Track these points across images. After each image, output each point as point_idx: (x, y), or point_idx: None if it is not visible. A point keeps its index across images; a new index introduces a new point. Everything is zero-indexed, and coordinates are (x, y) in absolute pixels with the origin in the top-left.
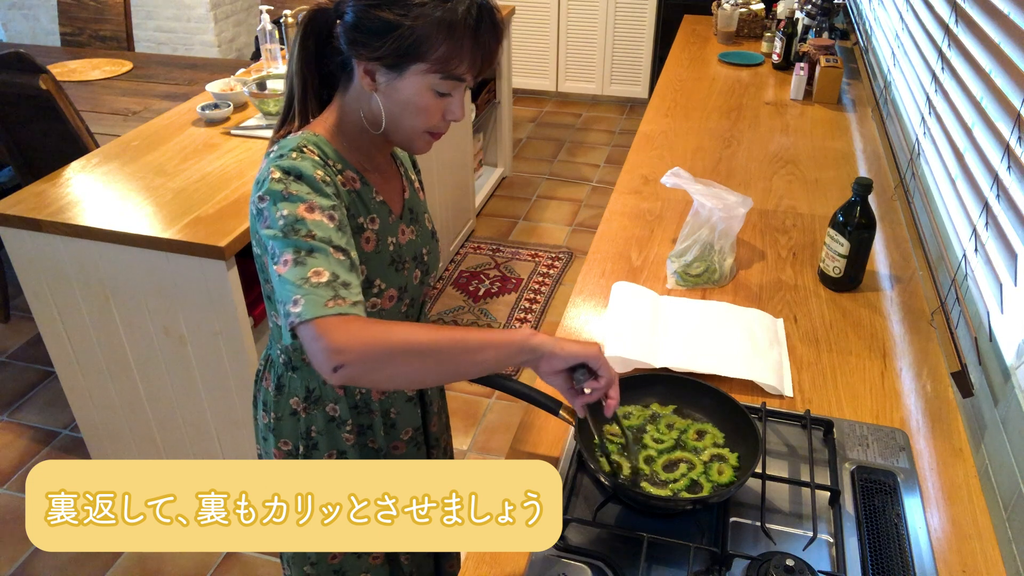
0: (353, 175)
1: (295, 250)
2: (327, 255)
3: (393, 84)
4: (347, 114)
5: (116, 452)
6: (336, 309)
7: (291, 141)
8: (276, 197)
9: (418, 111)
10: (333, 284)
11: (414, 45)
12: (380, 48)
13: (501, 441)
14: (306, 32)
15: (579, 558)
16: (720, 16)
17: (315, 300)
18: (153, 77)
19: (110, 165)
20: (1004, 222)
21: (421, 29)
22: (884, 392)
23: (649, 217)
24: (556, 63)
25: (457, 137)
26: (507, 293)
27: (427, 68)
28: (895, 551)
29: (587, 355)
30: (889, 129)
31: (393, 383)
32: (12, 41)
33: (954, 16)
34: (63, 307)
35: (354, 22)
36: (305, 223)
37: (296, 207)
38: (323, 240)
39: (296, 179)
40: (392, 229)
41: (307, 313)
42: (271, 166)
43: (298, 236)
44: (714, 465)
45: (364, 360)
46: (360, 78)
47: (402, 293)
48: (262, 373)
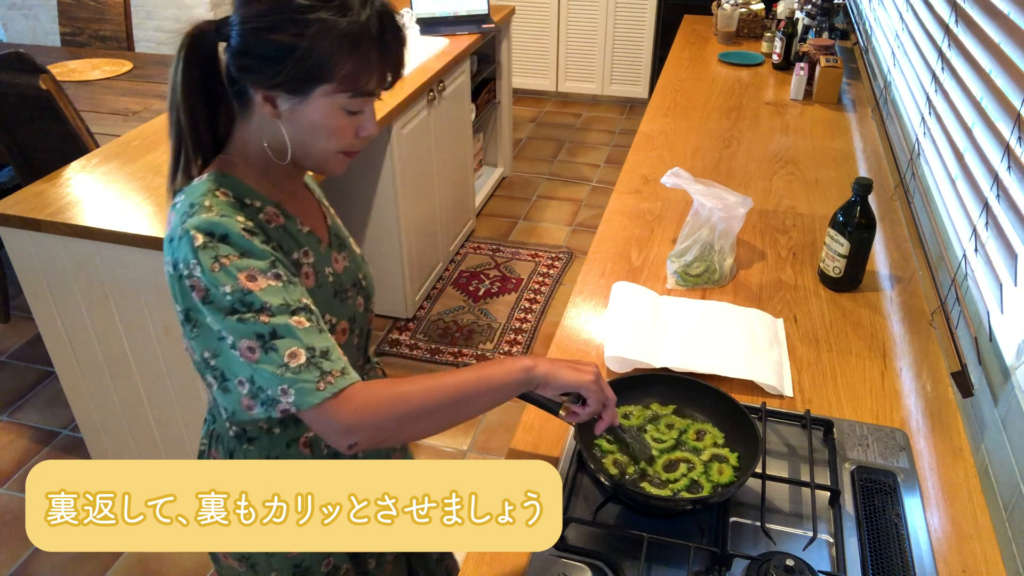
0: (274, 210)
1: (257, 336)
2: (291, 329)
3: (298, 109)
4: (250, 144)
5: (116, 452)
6: (330, 390)
7: (198, 187)
8: (207, 268)
9: (329, 134)
10: (313, 361)
11: (316, 67)
12: (278, 75)
13: (501, 441)
14: (188, 58)
15: (579, 558)
16: (720, 16)
17: (305, 388)
18: (153, 77)
19: (110, 165)
20: (1004, 222)
21: (322, 49)
22: (884, 392)
23: (649, 217)
24: (556, 63)
25: (457, 137)
26: (507, 293)
27: (334, 88)
28: (895, 551)
29: (579, 385)
30: (889, 129)
31: (403, 442)
32: (12, 41)
33: (954, 16)
34: (63, 307)
35: (242, 48)
36: (255, 297)
37: (236, 281)
38: (280, 311)
39: (222, 240)
40: (326, 259)
41: (304, 403)
42: (188, 227)
43: (256, 320)
44: (714, 465)
45: (376, 433)
46: (260, 106)
47: (352, 324)
48: (207, 452)
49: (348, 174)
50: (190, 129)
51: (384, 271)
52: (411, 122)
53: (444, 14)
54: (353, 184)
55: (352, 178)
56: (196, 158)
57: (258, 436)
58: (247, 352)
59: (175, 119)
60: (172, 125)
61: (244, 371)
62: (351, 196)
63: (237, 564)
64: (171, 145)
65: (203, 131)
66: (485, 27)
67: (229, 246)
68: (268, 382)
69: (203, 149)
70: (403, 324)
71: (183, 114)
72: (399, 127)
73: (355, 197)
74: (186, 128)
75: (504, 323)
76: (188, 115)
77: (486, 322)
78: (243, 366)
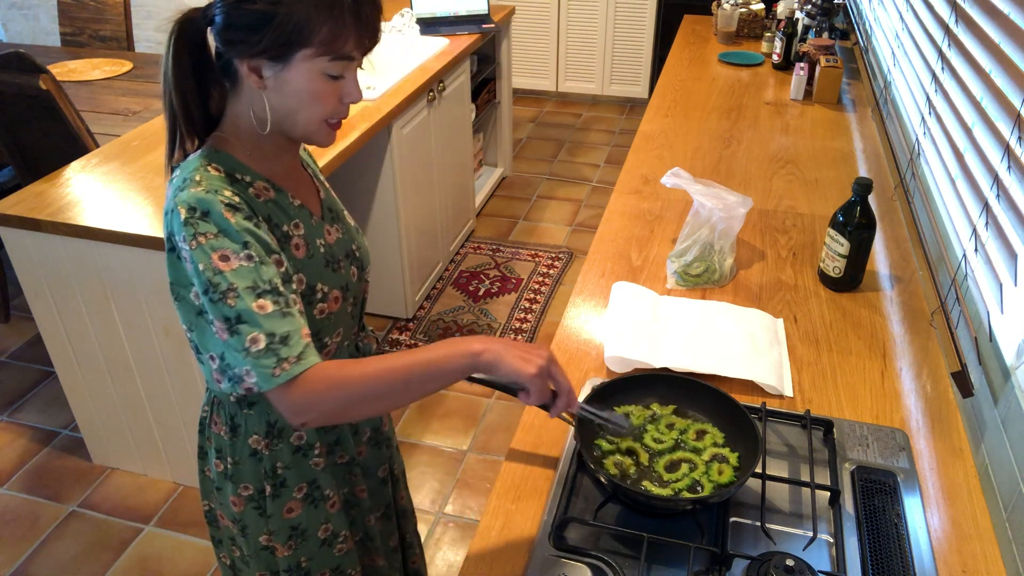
0: (264, 184)
1: (224, 319)
2: (253, 315)
3: (281, 76)
4: (242, 120)
5: (116, 452)
6: (284, 376)
7: (191, 162)
8: (189, 242)
9: (313, 99)
10: (271, 347)
11: (295, 31)
12: (260, 42)
13: (501, 441)
14: (179, 46)
15: (579, 558)
16: (720, 16)
17: (263, 372)
18: (153, 77)
19: (110, 165)
20: (1004, 222)
21: (299, 13)
22: (884, 392)
23: (649, 217)
24: (556, 63)
25: (457, 137)
26: (507, 293)
27: (313, 52)
28: (895, 551)
29: (521, 376)
30: (889, 129)
31: (353, 420)
32: (12, 41)
33: (954, 16)
34: (63, 307)
35: (226, 22)
36: (224, 277)
37: (210, 259)
38: (246, 293)
39: (203, 217)
40: (318, 231)
41: (262, 385)
42: (178, 201)
43: (223, 300)
44: (714, 465)
45: (323, 416)
46: (246, 77)
47: (345, 293)
48: (208, 419)
49: (348, 174)
50: (182, 111)
51: (384, 271)
52: (411, 122)
53: (444, 14)
54: (353, 184)
55: (352, 178)
56: (191, 137)
57: (257, 401)
58: (221, 331)
59: (168, 102)
60: (166, 108)
61: (217, 347)
62: (351, 196)
63: (231, 525)
64: (166, 127)
65: (195, 112)
66: (485, 27)
67: (208, 223)
68: (235, 361)
69: (196, 129)
70: (403, 324)
71: (175, 97)
72: (399, 127)
73: (355, 197)
74: (179, 110)
75: (504, 323)
76: (180, 98)
77: (486, 322)
78: (216, 343)
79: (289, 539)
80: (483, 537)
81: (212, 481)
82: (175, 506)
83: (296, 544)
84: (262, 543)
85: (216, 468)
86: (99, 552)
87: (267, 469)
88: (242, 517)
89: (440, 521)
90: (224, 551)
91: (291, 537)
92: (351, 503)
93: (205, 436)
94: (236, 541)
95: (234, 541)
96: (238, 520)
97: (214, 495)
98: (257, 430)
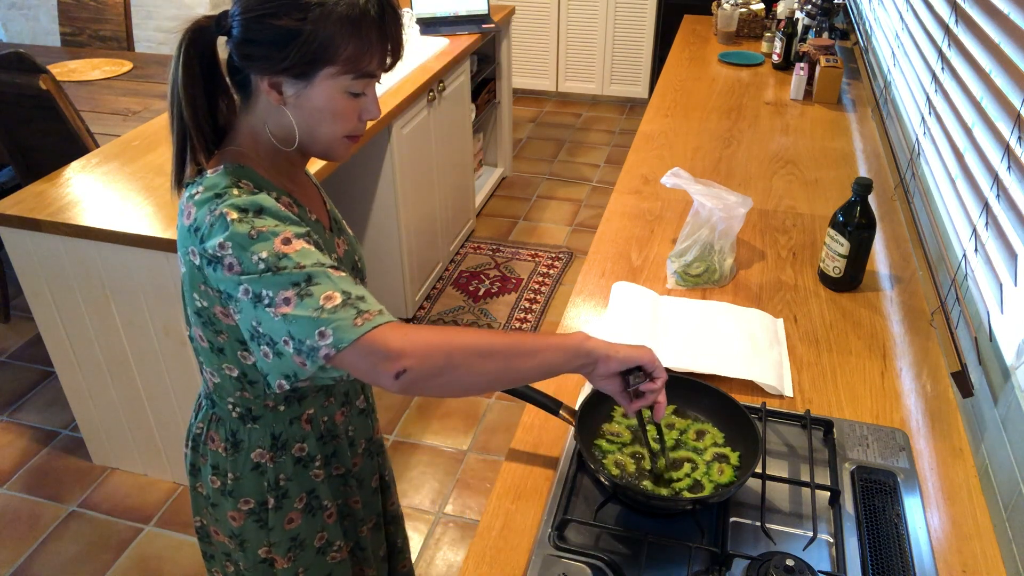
0: (288, 200)
1: (293, 285)
2: (328, 277)
3: (303, 93)
4: (259, 134)
5: (116, 452)
6: (368, 325)
7: (218, 179)
8: (243, 241)
9: (334, 117)
10: (350, 302)
11: (320, 49)
12: (284, 59)
13: (501, 441)
14: (189, 55)
15: (579, 558)
16: (720, 16)
17: (343, 324)
18: (153, 77)
19: (110, 165)
20: (1004, 222)
21: (325, 31)
22: (884, 392)
23: (649, 217)
24: (556, 63)
25: (457, 137)
26: (507, 293)
27: (337, 70)
28: (895, 551)
29: (641, 358)
30: (889, 129)
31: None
32: (12, 41)
33: (954, 16)
34: (63, 307)
35: (245, 36)
36: (289, 258)
37: (271, 245)
38: (315, 265)
39: (257, 214)
40: (331, 245)
41: (344, 338)
42: (223, 210)
43: (288, 271)
44: (714, 465)
45: (426, 361)
46: (266, 93)
47: None
48: (204, 436)
49: (348, 174)
50: (193, 122)
51: (384, 271)
52: (411, 122)
53: (444, 14)
54: (353, 184)
55: (352, 178)
56: (203, 149)
57: (262, 415)
58: (283, 304)
59: (177, 113)
60: (175, 119)
61: (282, 329)
62: (351, 196)
63: (228, 540)
64: (174, 139)
65: (204, 124)
66: (485, 27)
67: (264, 218)
68: (305, 330)
69: (206, 141)
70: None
71: (186, 108)
72: (399, 127)
73: (355, 197)
74: (189, 121)
75: (504, 323)
76: (191, 109)
77: (486, 322)
78: (280, 324)
79: (289, 551)
80: (483, 537)
81: (206, 498)
82: (175, 506)
83: (295, 556)
84: (261, 556)
85: (212, 485)
86: (99, 552)
87: (270, 482)
88: (241, 531)
89: (440, 521)
90: (217, 566)
91: (291, 548)
92: (344, 514)
93: (199, 453)
94: (232, 556)
95: (228, 556)
96: (236, 535)
97: (207, 511)
98: (261, 443)
